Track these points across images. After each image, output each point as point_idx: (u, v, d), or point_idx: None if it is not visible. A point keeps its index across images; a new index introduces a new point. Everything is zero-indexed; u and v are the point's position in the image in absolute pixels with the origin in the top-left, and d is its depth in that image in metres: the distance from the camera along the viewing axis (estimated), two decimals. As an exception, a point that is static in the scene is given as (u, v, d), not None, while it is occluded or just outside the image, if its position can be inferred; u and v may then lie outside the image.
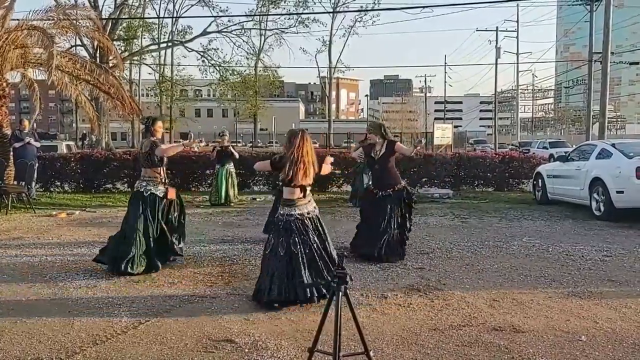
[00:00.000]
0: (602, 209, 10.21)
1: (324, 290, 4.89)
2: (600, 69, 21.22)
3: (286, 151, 5.06)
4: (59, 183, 15.05)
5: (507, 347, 4.15)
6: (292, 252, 4.94)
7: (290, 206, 5.08)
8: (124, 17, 36.83)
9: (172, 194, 6.54)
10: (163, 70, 47.75)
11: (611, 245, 7.90)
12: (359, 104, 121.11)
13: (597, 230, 9.16)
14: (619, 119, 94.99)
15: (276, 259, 4.96)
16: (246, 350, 4.06)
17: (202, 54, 38.61)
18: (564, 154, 13.11)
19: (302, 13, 40.15)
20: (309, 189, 5.16)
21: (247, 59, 43.30)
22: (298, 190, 5.05)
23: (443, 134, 22.48)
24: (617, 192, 9.82)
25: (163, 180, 6.54)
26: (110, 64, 18.04)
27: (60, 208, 11.67)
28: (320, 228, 5.16)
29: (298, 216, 5.05)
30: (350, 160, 13.01)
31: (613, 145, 10.92)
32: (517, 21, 45.15)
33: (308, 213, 5.11)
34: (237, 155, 12.49)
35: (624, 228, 9.30)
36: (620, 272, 6.35)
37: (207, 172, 14.94)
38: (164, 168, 6.61)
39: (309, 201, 5.17)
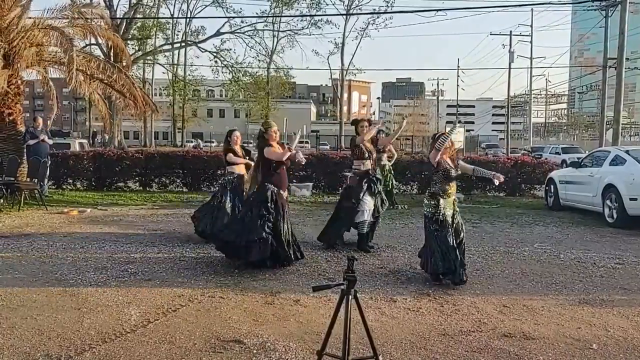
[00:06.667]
0: (614, 215, 10.12)
1: None
2: (614, 74, 21.05)
3: None
4: (71, 180, 15.17)
5: (517, 353, 4.11)
6: None
7: None
8: (138, 16, 37.13)
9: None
10: (176, 70, 48.04)
11: (624, 252, 7.82)
12: (371, 106, 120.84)
13: (609, 238, 9.08)
14: (633, 126, 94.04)
15: None
16: (254, 352, 4.06)
17: (215, 54, 38.80)
18: (577, 160, 13.01)
19: (315, 15, 40.24)
20: None
21: (259, 60, 43.44)
22: None
23: (455, 137, 22.43)
24: (631, 199, 9.74)
25: None
26: (124, 63, 18.16)
27: (72, 205, 11.76)
28: None
29: None
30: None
31: (627, 151, 10.82)
32: (531, 25, 45.30)
33: None
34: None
35: (637, 235, 9.21)
36: (632, 280, 6.29)
37: (219, 172, 14.96)
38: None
39: None
